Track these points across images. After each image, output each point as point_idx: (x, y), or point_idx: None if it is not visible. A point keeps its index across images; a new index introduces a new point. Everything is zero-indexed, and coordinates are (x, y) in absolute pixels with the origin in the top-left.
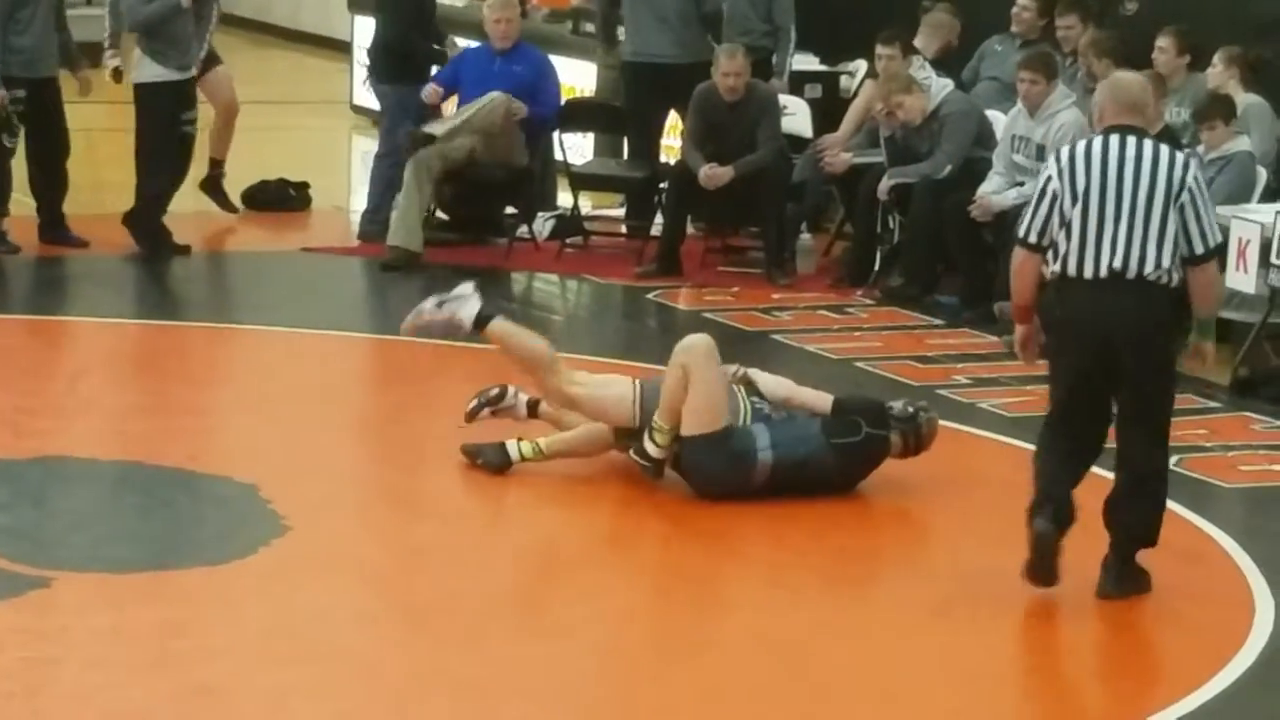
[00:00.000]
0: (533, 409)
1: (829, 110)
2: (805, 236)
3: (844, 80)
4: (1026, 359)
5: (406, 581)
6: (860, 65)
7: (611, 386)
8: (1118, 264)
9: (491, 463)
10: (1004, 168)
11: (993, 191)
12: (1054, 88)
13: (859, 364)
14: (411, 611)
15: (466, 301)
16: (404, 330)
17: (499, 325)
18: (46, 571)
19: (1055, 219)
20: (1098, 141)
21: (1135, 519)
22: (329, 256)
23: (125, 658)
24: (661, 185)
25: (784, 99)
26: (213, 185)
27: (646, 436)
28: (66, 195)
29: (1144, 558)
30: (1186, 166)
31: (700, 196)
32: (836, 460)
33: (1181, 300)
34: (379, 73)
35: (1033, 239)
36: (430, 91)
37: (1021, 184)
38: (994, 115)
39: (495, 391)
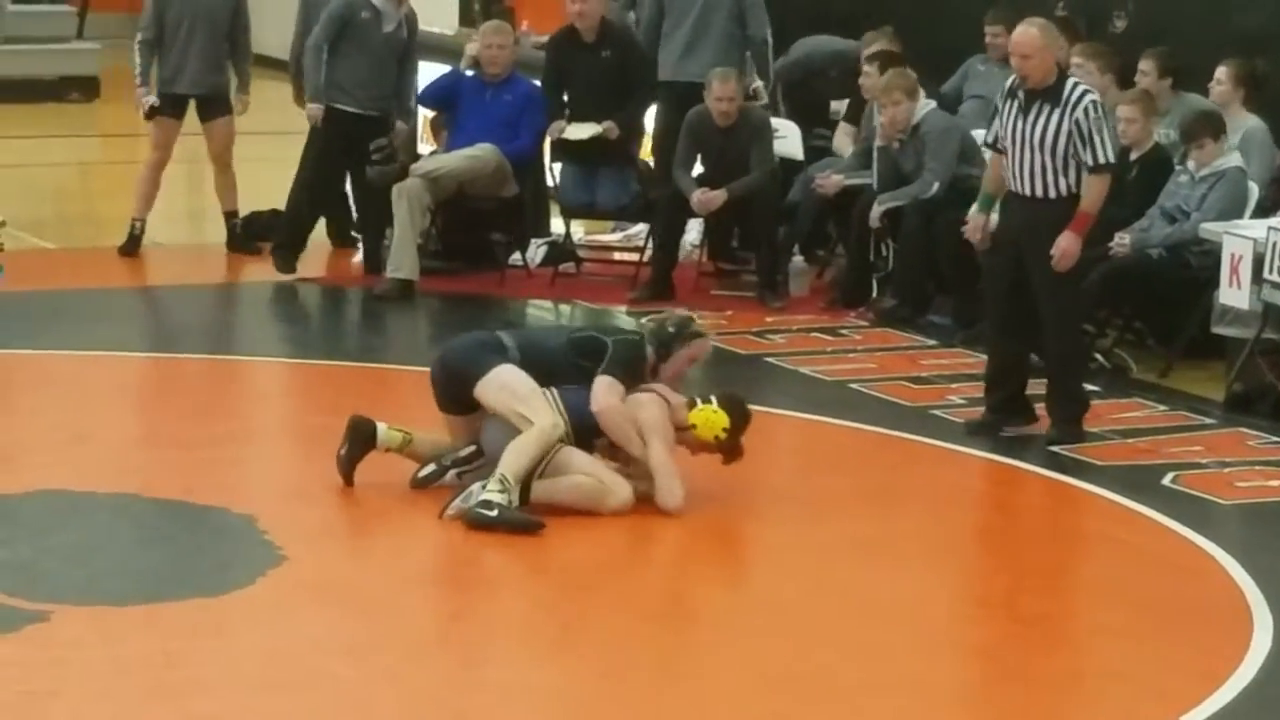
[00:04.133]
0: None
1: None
2: (798, 259)
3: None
4: None
5: (403, 610)
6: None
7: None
8: None
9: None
10: None
11: None
12: None
13: (853, 386)
14: (408, 640)
15: None
16: (449, 514)
17: (538, 485)
18: (44, 605)
19: None
20: None
21: None
22: (323, 286)
23: (123, 689)
24: None
25: (775, 122)
26: (230, 234)
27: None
28: None
29: (1143, 573)
30: None
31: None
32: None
33: None
34: None
35: None
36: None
37: None
38: (980, 135)
39: (468, 450)
